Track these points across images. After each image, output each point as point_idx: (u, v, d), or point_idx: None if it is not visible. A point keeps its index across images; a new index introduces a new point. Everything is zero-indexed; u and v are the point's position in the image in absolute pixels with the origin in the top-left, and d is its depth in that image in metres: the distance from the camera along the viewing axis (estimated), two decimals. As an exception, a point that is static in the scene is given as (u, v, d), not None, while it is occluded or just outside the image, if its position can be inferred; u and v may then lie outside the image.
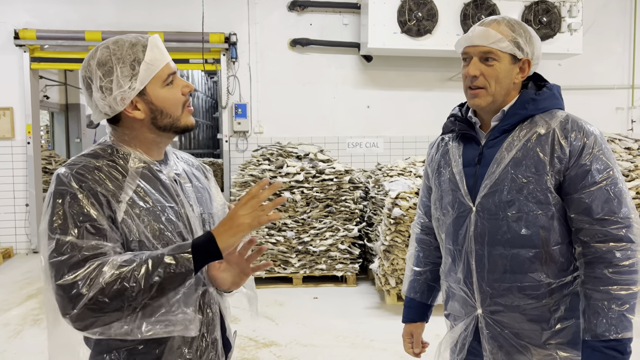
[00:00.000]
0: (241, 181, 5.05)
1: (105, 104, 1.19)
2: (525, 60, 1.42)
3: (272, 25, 6.42)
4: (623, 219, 1.31)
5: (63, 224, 1.09)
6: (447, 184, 1.52)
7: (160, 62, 1.21)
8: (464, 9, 5.86)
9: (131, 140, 1.25)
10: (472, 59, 1.42)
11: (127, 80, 1.18)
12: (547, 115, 1.40)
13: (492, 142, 1.45)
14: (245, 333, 3.81)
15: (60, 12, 6.13)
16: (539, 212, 1.36)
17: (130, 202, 1.16)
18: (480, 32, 1.41)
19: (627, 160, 5.03)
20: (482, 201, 1.42)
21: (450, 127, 1.55)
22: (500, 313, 1.43)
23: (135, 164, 1.22)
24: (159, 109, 1.22)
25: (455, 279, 1.52)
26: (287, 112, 6.46)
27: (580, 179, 1.33)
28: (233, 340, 1.43)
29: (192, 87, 1.28)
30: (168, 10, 6.24)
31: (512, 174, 1.38)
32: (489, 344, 1.45)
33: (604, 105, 6.94)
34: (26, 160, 6.19)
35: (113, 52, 1.18)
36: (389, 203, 4.21)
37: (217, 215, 1.42)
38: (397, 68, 6.56)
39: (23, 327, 3.96)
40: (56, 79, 8.45)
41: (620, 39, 6.95)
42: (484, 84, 1.41)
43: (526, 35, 1.42)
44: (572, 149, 1.33)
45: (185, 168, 1.38)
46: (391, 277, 4.27)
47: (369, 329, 3.88)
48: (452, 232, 1.50)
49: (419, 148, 6.60)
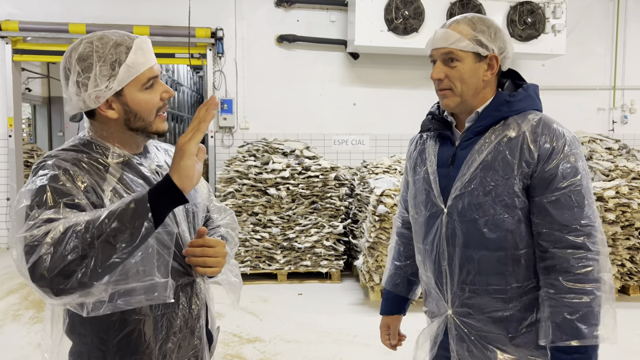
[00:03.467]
0: (226, 177, 5.04)
1: (79, 99, 1.18)
2: (491, 56, 1.39)
3: (259, 21, 6.40)
4: (583, 227, 1.30)
5: (40, 200, 1.06)
6: (421, 182, 1.52)
7: (142, 66, 1.19)
8: (450, 8, 5.90)
9: (108, 136, 1.24)
10: (436, 62, 1.42)
11: (104, 79, 1.16)
12: (520, 118, 1.39)
13: (465, 144, 1.44)
14: (230, 329, 3.81)
15: (44, 4, 6.04)
16: (506, 216, 1.35)
17: (113, 194, 1.15)
18: (440, 34, 1.40)
19: (608, 160, 5.12)
20: (453, 203, 1.41)
21: (428, 125, 1.54)
22: (469, 315, 1.43)
23: (114, 158, 1.22)
24: (134, 111, 1.21)
25: (428, 278, 1.53)
26: (274, 108, 6.45)
27: (545, 184, 1.32)
28: (216, 334, 1.44)
29: (172, 92, 1.27)
30: (154, 3, 6.18)
31: (481, 177, 1.37)
32: (457, 344, 1.46)
33: (586, 106, 7.04)
34: (7, 153, 6.10)
35: (96, 48, 1.16)
36: (374, 200, 4.23)
37: (202, 205, 1.42)
38: (383, 66, 6.58)
39: (4, 323, 3.91)
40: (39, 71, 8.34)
41: (602, 40, 7.06)
42: (450, 86, 1.40)
43: (490, 31, 1.39)
44: (541, 153, 1.32)
45: (166, 159, 1.37)
46: (375, 273, 4.30)
47: (352, 325, 3.90)
48: (424, 232, 1.51)
49: (404, 146, 6.63)
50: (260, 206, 4.92)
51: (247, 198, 4.92)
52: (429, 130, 1.55)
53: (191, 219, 1.33)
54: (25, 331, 3.74)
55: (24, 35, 5.99)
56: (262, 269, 4.97)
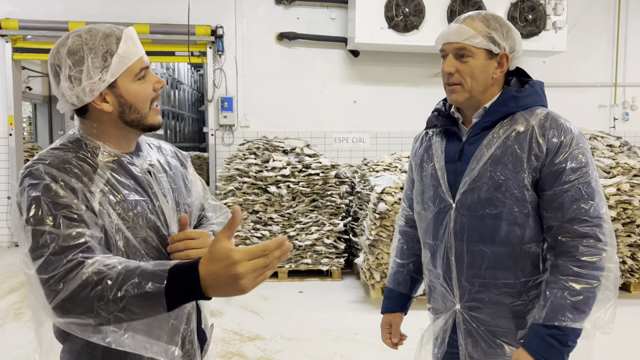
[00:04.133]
0: (227, 175, 5.04)
1: (73, 94, 1.16)
2: (502, 54, 1.41)
3: (259, 19, 6.39)
4: (593, 218, 1.32)
5: (37, 214, 1.05)
6: (428, 179, 1.53)
7: (134, 56, 1.18)
8: (450, 5, 5.89)
9: (100, 134, 1.21)
10: (447, 56, 1.43)
11: (97, 71, 1.14)
12: (527, 113, 1.41)
13: (472, 139, 1.45)
14: (230, 327, 3.81)
15: (43, 2, 6.04)
16: (515, 209, 1.36)
17: (101, 195, 1.13)
18: (454, 29, 1.41)
19: (609, 157, 5.11)
20: (461, 198, 1.43)
21: (434, 121, 1.56)
22: (478, 309, 1.44)
23: (104, 157, 1.19)
24: (128, 103, 1.19)
25: (435, 274, 1.53)
26: (274, 106, 6.45)
27: (554, 177, 1.34)
28: (209, 333, 1.41)
29: (164, 82, 1.26)
30: (154, 1, 6.17)
31: (490, 171, 1.38)
32: (465, 339, 1.46)
33: (587, 103, 7.03)
34: (8, 152, 6.10)
35: (85, 41, 1.14)
36: (375, 198, 4.23)
37: (196, 205, 1.40)
38: (383, 63, 6.57)
39: (5, 321, 3.91)
40: (39, 70, 8.32)
41: (603, 37, 7.04)
42: (460, 80, 1.42)
43: (503, 29, 1.41)
44: (549, 147, 1.34)
45: (159, 157, 1.34)
46: (376, 271, 4.30)
47: (353, 323, 3.90)
48: (432, 228, 1.51)
49: (405, 143, 6.63)
50: (260, 204, 4.92)
51: (248, 196, 4.91)
52: (435, 127, 1.56)
53: None
54: (27, 329, 3.74)
55: (24, 33, 5.98)
56: (262, 267, 4.96)
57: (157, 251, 1.20)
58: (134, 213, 1.17)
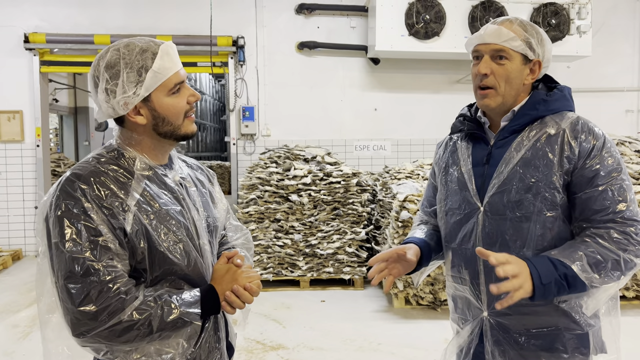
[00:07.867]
0: (248, 184, 5.06)
1: (109, 106, 1.20)
2: (536, 61, 1.41)
3: (279, 29, 6.43)
4: (627, 220, 1.30)
5: (73, 238, 1.09)
6: (454, 183, 1.51)
7: (169, 71, 1.20)
8: (472, 11, 5.84)
9: (136, 144, 1.25)
10: (483, 57, 1.41)
11: (132, 86, 1.17)
12: (557, 116, 1.40)
13: (501, 142, 1.44)
14: (253, 336, 3.81)
15: (69, 16, 6.18)
16: (545, 212, 1.34)
17: (137, 207, 1.16)
18: (492, 30, 1.40)
19: (637, 163, 4.99)
20: (490, 201, 1.41)
21: (459, 126, 1.54)
22: (506, 316, 1.41)
23: (140, 168, 1.22)
24: (162, 116, 1.22)
25: (461, 280, 1.50)
26: (295, 114, 6.47)
27: (587, 180, 1.32)
28: (234, 342, 1.44)
29: (199, 96, 1.28)
30: (176, 13, 6.27)
31: (520, 173, 1.37)
32: (492, 347, 1.43)
33: (614, 108, 6.89)
34: (35, 163, 6.23)
35: (122, 55, 1.18)
36: (397, 206, 4.20)
37: (221, 221, 1.43)
38: (404, 71, 6.55)
39: (32, 329, 3.98)
40: (65, 82, 8.51)
41: (629, 40, 6.90)
42: (494, 84, 1.40)
43: (538, 36, 1.42)
44: (582, 150, 1.33)
45: (189, 172, 1.39)
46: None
47: (376, 333, 3.86)
48: (458, 232, 1.49)
49: (426, 151, 6.58)
50: (282, 213, 4.92)
51: (269, 204, 4.93)
52: (461, 132, 1.54)
53: (212, 232, 1.36)
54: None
55: (51, 47, 6.13)
56: (284, 275, 4.96)
57: (191, 259, 1.23)
58: (170, 222, 1.20)
